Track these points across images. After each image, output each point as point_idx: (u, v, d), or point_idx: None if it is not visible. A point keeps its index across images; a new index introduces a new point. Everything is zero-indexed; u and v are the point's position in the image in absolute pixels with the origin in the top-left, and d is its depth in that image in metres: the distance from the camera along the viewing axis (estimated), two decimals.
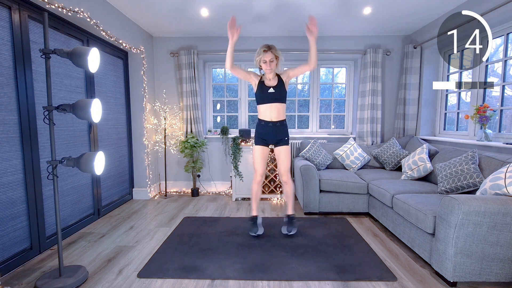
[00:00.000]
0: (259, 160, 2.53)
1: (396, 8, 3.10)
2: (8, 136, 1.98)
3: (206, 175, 4.29)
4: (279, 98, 2.42)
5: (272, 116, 2.44)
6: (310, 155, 3.56)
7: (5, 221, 1.97)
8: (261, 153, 2.52)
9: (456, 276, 1.77)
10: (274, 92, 2.40)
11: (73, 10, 2.39)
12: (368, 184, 3.01)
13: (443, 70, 3.60)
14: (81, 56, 1.81)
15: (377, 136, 3.97)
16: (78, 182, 2.73)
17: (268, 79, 2.44)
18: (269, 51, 2.35)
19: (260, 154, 2.52)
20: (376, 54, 3.85)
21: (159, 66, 4.12)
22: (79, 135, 2.73)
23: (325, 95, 4.43)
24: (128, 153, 3.73)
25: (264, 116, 2.47)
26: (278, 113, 2.45)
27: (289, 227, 2.53)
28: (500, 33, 2.71)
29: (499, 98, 2.76)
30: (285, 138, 2.50)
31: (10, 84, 1.99)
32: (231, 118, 4.48)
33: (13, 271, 2.00)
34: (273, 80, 2.43)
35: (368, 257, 2.17)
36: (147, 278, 1.91)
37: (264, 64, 2.37)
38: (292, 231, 2.52)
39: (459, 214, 1.70)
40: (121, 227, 2.83)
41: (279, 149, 2.51)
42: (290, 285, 1.84)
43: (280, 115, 2.46)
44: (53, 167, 1.81)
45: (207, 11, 3.19)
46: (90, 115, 1.83)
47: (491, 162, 2.21)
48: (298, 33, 3.92)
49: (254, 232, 2.50)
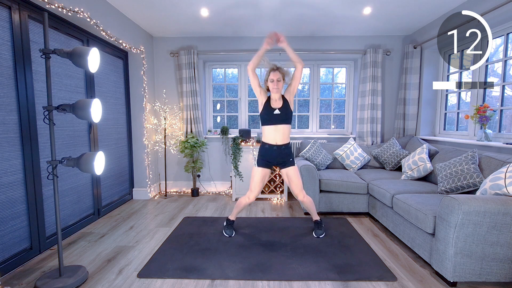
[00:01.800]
0: (258, 182, 2.48)
1: (396, 8, 3.10)
2: (8, 136, 1.98)
3: (206, 175, 4.29)
4: (285, 119, 2.40)
5: (277, 139, 2.41)
6: (310, 155, 3.56)
7: (5, 221, 1.97)
8: (261, 175, 2.48)
9: (456, 276, 1.77)
10: (279, 114, 2.38)
11: (73, 10, 2.39)
12: (368, 184, 3.01)
13: (443, 70, 3.60)
14: (81, 56, 1.81)
15: (377, 136, 3.97)
16: (78, 182, 2.73)
17: (274, 99, 2.42)
18: (277, 70, 2.37)
19: (261, 176, 2.48)
20: (376, 54, 3.85)
21: (159, 66, 4.12)
22: (79, 135, 2.73)
23: (325, 95, 4.43)
24: (128, 153, 3.73)
25: (268, 139, 2.44)
26: (283, 136, 2.42)
27: (317, 231, 2.58)
28: (500, 33, 2.71)
29: (499, 98, 2.76)
30: (290, 159, 2.47)
31: (10, 84, 1.99)
32: (231, 118, 4.48)
33: (13, 271, 2.00)
34: (279, 101, 2.41)
35: (368, 257, 2.17)
36: (147, 278, 1.91)
37: (272, 83, 2.37)
38: (321, 235, 2.57)
39: (459, 214, 1.70)
40: (121, 227, 2.83)
41: (287, 171, 2.48)
42: (290, 285, 1.84)
43: (285, 138, 2.43)
44: (53, 167, 1.81)
45: (207, 11, 3.19)
46: (90, 115, 1.83)
47: (491, 162, 2.21)
48: (300, 33, 3.92)
49: (229, 234, 2.57)
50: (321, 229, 2.59)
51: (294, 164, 2.49)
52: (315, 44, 4.03)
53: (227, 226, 2.61)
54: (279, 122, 2.39)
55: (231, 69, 4.40)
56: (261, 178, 2.49)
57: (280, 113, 2.38)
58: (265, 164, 2.48)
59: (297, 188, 2.48)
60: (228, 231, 2.59)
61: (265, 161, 2.48)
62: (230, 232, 2.59)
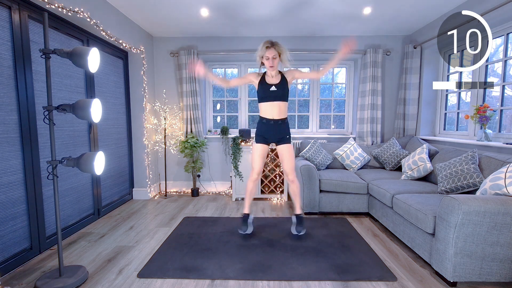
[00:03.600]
0: (257, 158, 2.49)
1: (396, 8, 3.10)
2: (8, 136, 1.98)
3: (206, 175, 4.29)
4: (281, 96, 2.38)
5: (274, 114, 2.40)
6: (310, 155, 3.56)
7: (5, 221, 1.97)
8: (260, 151, 2.49)
9: (456, 276, 1.77)
10: (276, 90, 2.35)
11: (73, 10, 2.39)
12: (368, 184, 3.01)
13: (443, 70, 3.60)
14: (81, 56, 1.81)
15: (377, 136, 3.97)
16: (78, 182, 2.73)
17: (271, 76, 2.38)
18: (272, 48, 2.29)
19: (260, 152, 2.48)
20: (376, 54, 3.85)
21: (159, 66, 4.12)
22: (79, 135, 2.73)
23: (325, 95, 4.43)
24: (128, 153, 3.73)
25: (265, 114, 2.44)
26: (280, 112, 2.40)
27: (298, 227, 2.46)
28: (500, 33, 2.71)
29: (499, 98, 2.76)
30: (287, 136, 2.46)
31: (10, 84, 1.99)
32: (231, 118, 4.48)
33: (13, 271, 2.00)
34: (276, 77, 2.38)
35: (368, 257, 2.17)
36: (147, 278, 1.91)
37: (267, 61, 2.31)
38: (302, 232, 2.46)
39: (459, 214, 1.70)
40: (121, 227, 2.83)
41: (282, 147, 2.47)
42: (290, 285, 1.84)
43: (282, 114, 2.42)
44: (53, 167, 1.81)
45: (207, 11, 3.19)
46: (90, 115, 1.83)
47: (491, 162, 2.21)
48: (300, 33, 3.92)
49: (244, 231, 2.47)
50: (302, 225, 2.48)
51: (290, 142, 2.48)
52: (315, 44, 4.03)
53: (242, 223, 2.51)
54: (275, 99, 2.37)
55: (231, 69, 4.40)
56: (260, 154, 2.49)
57: (276, 89, 2.35)
58: (262, 140, 2.48)
59: (289, 166, 2.46)
60: (243, 228, 2.47)
61: (262, 137, 2.47)
62: (245, 228, 2.47)
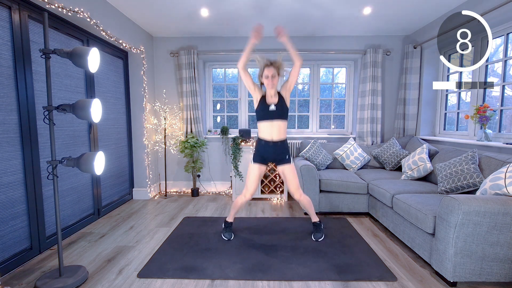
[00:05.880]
0: (254, 179, 2.45)
1: (396, 8, 3.10)
2: (8, 136, 1.98)
3: (206, 175, 4.29)
4: (281, 115, 2.37)
5: (273, 135, 2.38)
6: (310, 155, 3.56)
7: (5, 221, 1.97)
8: (257, 172, 2.45)
9: (456, 276, 1.77)
10: (275, 110, 2.35)
11: (73, 10, 2.39)
12: (368, 184, 3.01)
13: (443, 70, 3.60)
14: (81, 56, 1.81)
15: (377, 136, 3.97)
16: (78, 182, 2.73)
17: (270, 95, 2.38)
18: (271, 66, 2.31)
19: (257, 173, 2.45)
20: (376, 54, 3.85)
21: (159, 66, 4.12)
22: (79, 135, 2.73)
23: (325, 95, 4.43)
24: (128, 153, 3.73)
25: (264, 135, 2.41)
26: (279, 132, 2.38)
27: (316, 234, 2.51)
28: (500, 33, 2.71)
29: (499, 98, 2.76)
30: (286, 157, 2.43)
31: (10, 84, 1.99)
32: (231, 118, 4.48)
33: (13, 271, 2.00)
34: (275, 97, 2.37)
35: (368, 257, 2.17)
36: (147, 278, 1.91)
37: (266, 79, 2.32)
38: (320, 238, 2.49)
39: (459, 214, 1.70)
40: (121, 227, 2.83)
41: (283, 169, 2.45)
42: (290, 285, 1.84)
43: (281, 134, 2.40)
44: (53, 167, 1.81)
45: (207, 11, 3.19)
46: (90, 115, 1.83)
47: (491, 162, 2.21)
48: (299, 33, 3.91)
49: (227, 237, 2.51)
50: (320, 232, 2.52)
51: (291, 162, 2.45)
52: (315, 44, 4.03)
53: (225, 229, 2.56)
54: (274, 118, 2.36)
55: (231, 69, 4.40)
56: (257, 175, 2.46)
57: (275, 109, 2.35)
58: (261, 160, 2.45)
59: (293, 186, 2.44)
60: (227, 234, 2.53)
61: (260, 157, 2.45)
62: (229, 235, 2.53)
